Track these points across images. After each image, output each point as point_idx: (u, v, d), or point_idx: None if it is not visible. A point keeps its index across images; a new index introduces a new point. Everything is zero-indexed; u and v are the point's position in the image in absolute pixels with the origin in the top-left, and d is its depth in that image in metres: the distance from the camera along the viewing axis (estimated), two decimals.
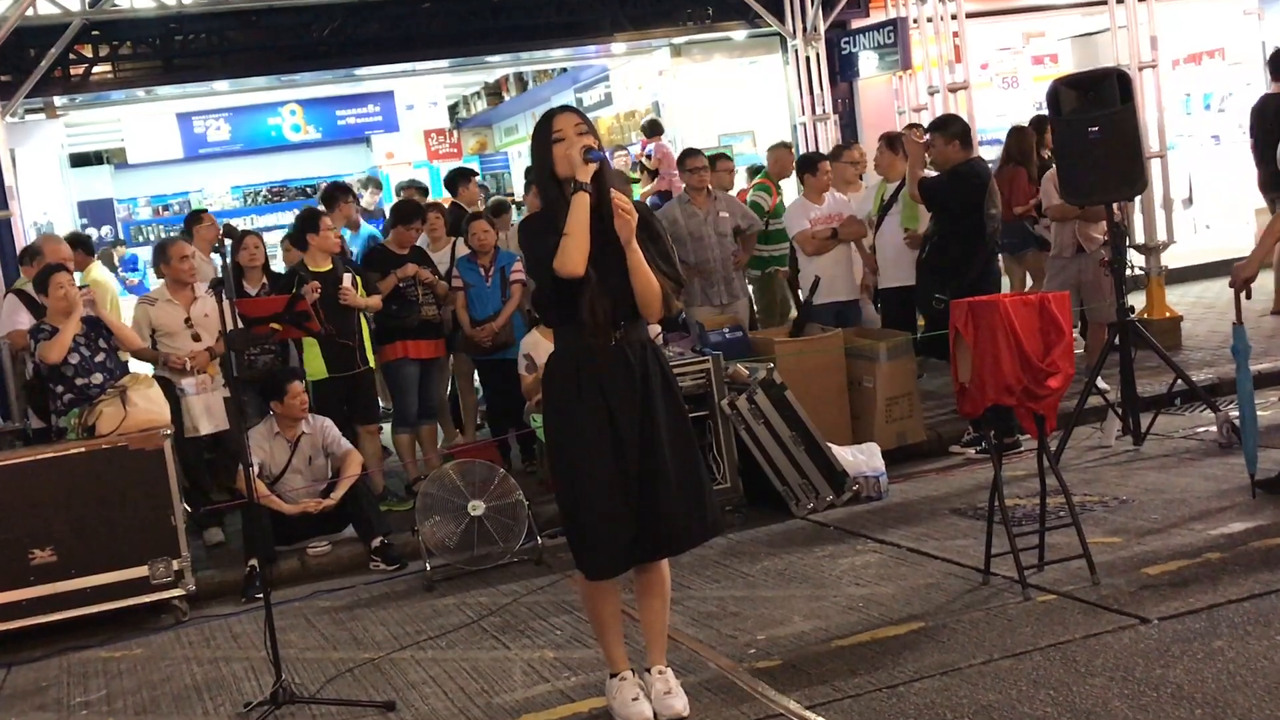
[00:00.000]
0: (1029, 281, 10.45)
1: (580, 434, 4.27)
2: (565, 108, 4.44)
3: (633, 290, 4.24)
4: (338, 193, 10.28)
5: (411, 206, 8.89)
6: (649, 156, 13.37)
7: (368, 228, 10.72)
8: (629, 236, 4.18)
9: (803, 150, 12.60)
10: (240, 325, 5.00)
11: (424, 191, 11.80)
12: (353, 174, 19.22)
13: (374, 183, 15.02)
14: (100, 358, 7.33)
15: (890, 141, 9.25)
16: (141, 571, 6.63)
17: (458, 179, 10.89)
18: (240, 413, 5.88)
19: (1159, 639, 4.65)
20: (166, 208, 18.96)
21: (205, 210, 11.15)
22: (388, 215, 9.26)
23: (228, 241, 5.09)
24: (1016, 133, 10.37)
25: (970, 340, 5.30)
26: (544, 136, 4.33)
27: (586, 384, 4.27)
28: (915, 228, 8.67)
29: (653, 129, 13.79)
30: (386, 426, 8.90)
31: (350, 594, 6.85)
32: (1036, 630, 4.89)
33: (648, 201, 9.19)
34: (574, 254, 4.14)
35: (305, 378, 7.82)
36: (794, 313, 9.57)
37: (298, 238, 8.27)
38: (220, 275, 5.04)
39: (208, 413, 7.71)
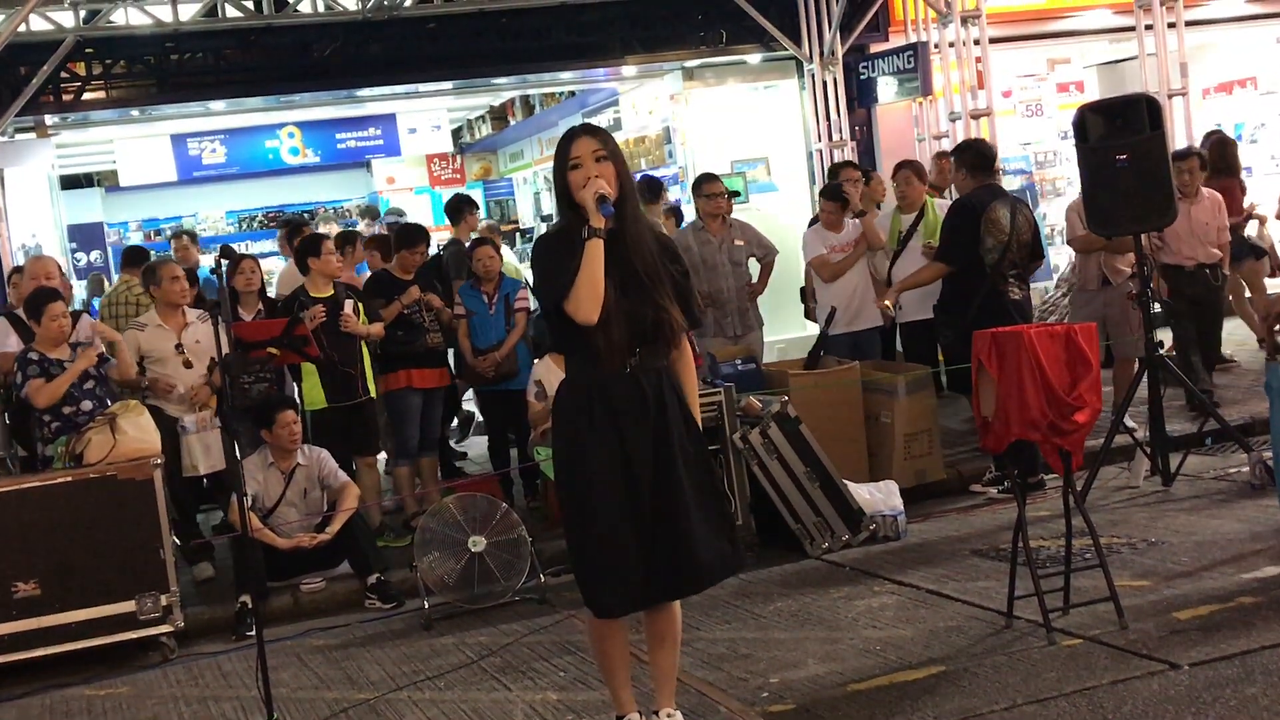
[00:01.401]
0: (1247, 291, 10.97)
1: (590, 464, 4.26)
2: (586, 129, 4.40)
3: (649, 317, 4.26)
4: (464, 205, 10.39)
5: (416, 231, 8.93)
6: None
7: None
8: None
9: (819, 178, 12.64)
10: (236, 350, 5.01)
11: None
12: (351, 199, 19.35)
13: (371, 211, 15.11)
14: (90, 384, 7.33)
15: (918, 170, 9.32)
16: (128, 606, 6.63)
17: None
18: (233, 442, 5.88)
19: (1190, 686, 4.64)
20: (158, 232, 19.03)
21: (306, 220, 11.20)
22: (392, 240, 9.28)
23: (224, 263, 5.10)
24: (1220, 144, 10.61)
25: (994, 372, 5.30)
26: (562, 160, 4.34)
27: (598, 413, 4.27)
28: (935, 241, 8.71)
29: None
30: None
31: (345, 632, 6.84)
32: (1062, 675, 4.88)
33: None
34: (587, 303, 4.16)
35: (300, 407, 7.83)
36: None
37: (298, 262, 8.30)
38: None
39: (206, 451, 7.68)
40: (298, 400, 8.00)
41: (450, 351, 8.84)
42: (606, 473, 4.24)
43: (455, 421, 10.66)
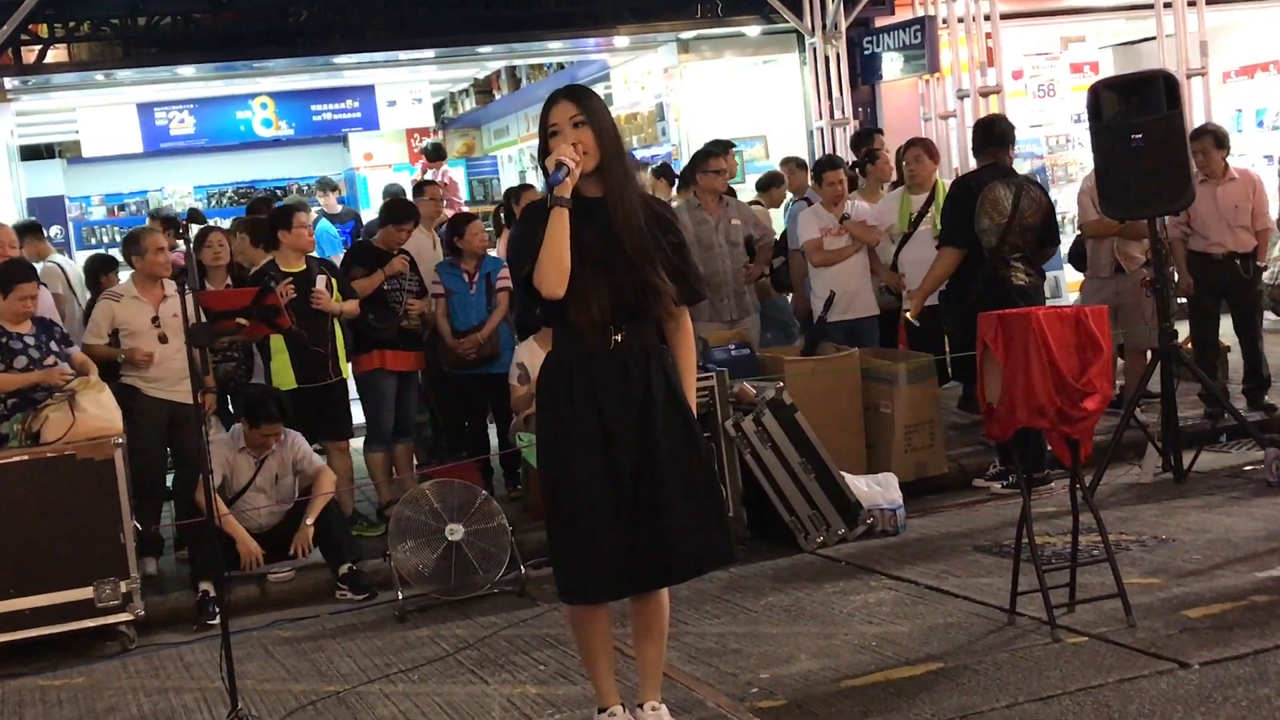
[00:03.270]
0: None
1: (569, 442, 4.27)
2: (568, 92, 4.38)
3: (633, 290, 4.27)
4: None
5: (406, 205, 8.94)
6: (449, 185, 13.36)
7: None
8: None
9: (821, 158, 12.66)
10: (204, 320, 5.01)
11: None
12: (327, 175, 19.28)
13: (328, 184, 15.12)
14: (50, 361, 7.30)
15: (928, 148, 9.30)
16: (86, 593, 6.61)
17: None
18: (200, 419, 5.87)
19: (1200, 685, 4.66)
20: (122, 207, 18.96)
21: (432, 181, 11.19)
22: (379, 213, 9.27)
23: (193, 228, 5.09)
24: None
25: (1000, 356, 5.32)
26: (543, 126, 4.35)
27: (579, 390, 4.28)
28: None
29: (435, 154, 13.74)
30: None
31: (314, 624, 6.85)
32: (1066, 673, 4.90)
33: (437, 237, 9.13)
34: (550, 275, 4.18)
35: (286, 415, 7.73)
36: None
37: (268, 235, 8.28)
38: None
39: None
40: (287, 409, 7.86)
41: None
42: (585, 453, 4.26)
43: None
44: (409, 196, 10.34)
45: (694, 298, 4.49)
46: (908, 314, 8.74)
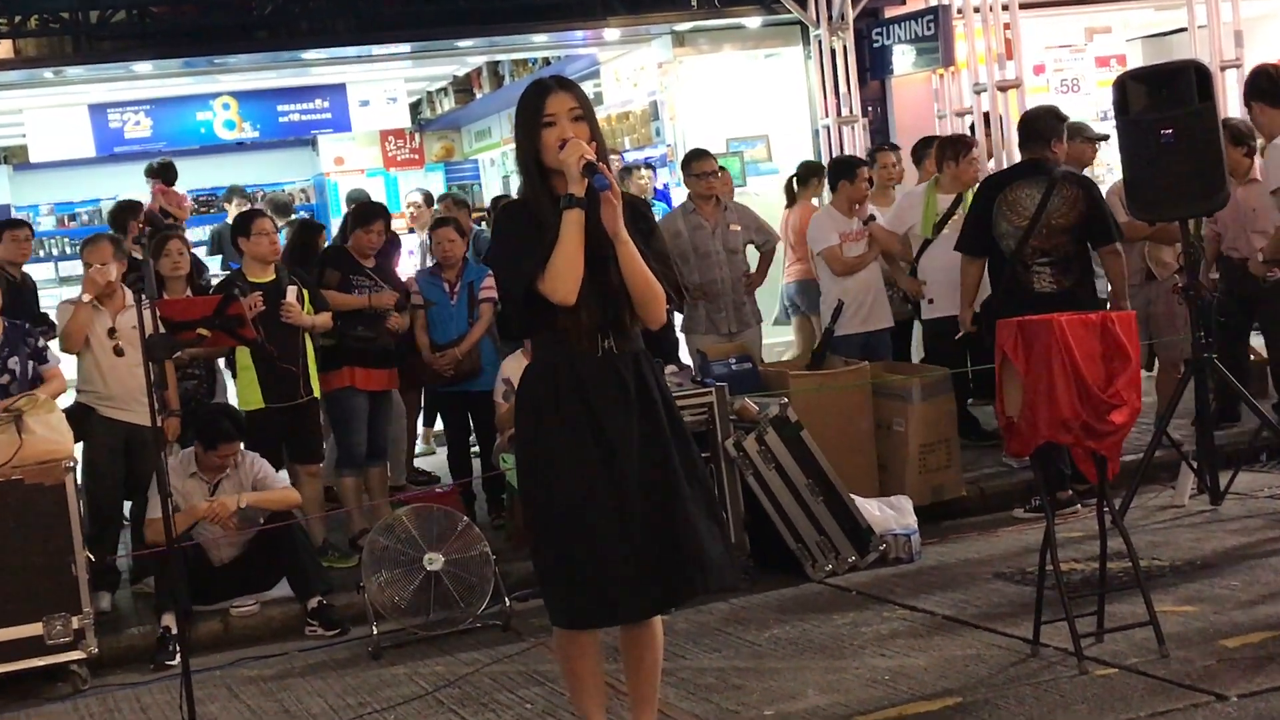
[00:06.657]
0: None
1: (556, 450, 4.28)
2: (559, 82, 4.41)
3: (621, 292, 4.29)
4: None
5: (371, 206, 8.97)
6: (180, 206, 13.38)
7: None
8: (616, 227, 4.23)
9: (825, 159, 12.69)
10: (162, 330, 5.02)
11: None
12: (295, 182, 19.33)
13: (284, 209, 15.24)
14: (4, 380, 7.29)
15: (955, 148, 9.30)
16: (35, 629, 6.60)
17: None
18: (159, 442, 5.88)
19: (1238, 719, 4.68)
20: (73, 217, 19.00)
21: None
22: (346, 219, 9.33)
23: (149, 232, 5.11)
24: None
25: (1020, 366, 5.35)
26: (533, 116, 4.35)
27: (566, 396, 4.29)
28: None
29: (166, 173, 13.83)
30: None
31: (282, 661, 6.86)
32: (1093, 708, 4.93)
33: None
34: (567, 280, 4.20)
35: (243, 432, 7.74)
36: None
37: (231, 244, 8.30)
38: None
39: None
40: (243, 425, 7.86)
41: None
42: (579, 463, 4.26)
43: None
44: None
45: (680, 298, 4.52)
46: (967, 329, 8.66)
